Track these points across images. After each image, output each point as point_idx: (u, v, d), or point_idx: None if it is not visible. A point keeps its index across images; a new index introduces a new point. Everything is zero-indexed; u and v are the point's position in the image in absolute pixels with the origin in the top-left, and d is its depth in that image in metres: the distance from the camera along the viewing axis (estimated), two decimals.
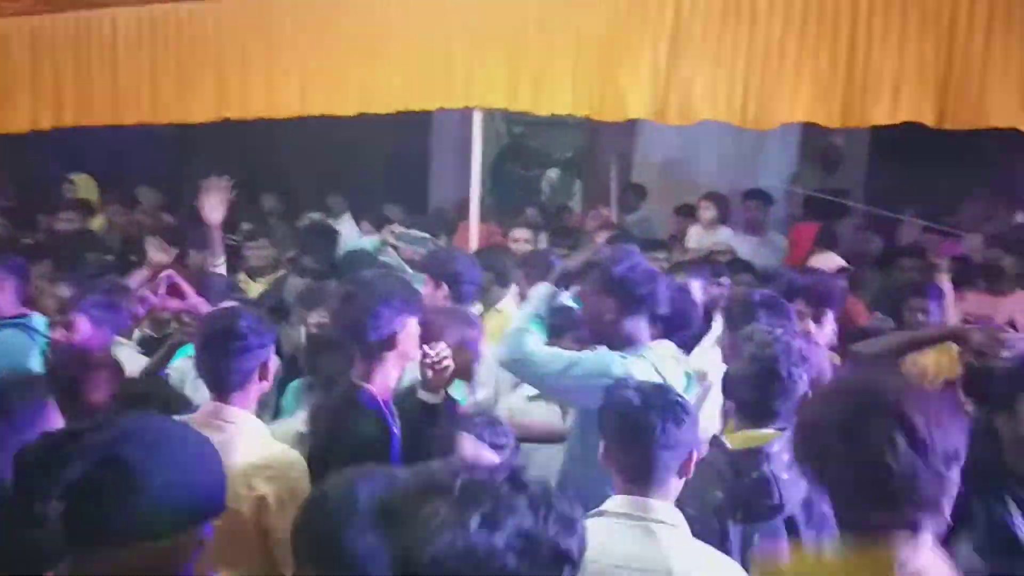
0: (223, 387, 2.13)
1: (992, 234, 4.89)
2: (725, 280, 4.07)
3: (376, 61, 4.65)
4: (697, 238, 5.76)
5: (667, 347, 2.51)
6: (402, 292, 2.32)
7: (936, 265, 4.48)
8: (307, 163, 8.08)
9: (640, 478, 1.80)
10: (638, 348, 2.42)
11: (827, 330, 3.12)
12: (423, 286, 3.12)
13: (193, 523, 1.27)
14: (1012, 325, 4.43)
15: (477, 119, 4.71)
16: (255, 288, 4.70)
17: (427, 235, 4.50)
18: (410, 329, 2.30)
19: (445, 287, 3.27)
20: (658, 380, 2.27)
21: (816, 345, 2.85)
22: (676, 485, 1.84)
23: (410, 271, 3.85)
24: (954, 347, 3.06)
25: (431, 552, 0.93)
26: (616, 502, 1.82)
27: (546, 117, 4.85)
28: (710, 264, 4.46)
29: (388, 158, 8.53)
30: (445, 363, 2.24)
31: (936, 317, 3.69)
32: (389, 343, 2.25)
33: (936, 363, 3.30)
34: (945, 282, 4.37)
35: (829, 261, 4.43)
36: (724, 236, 5.62)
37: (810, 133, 6.30)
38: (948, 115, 3.80)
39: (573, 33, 4.26)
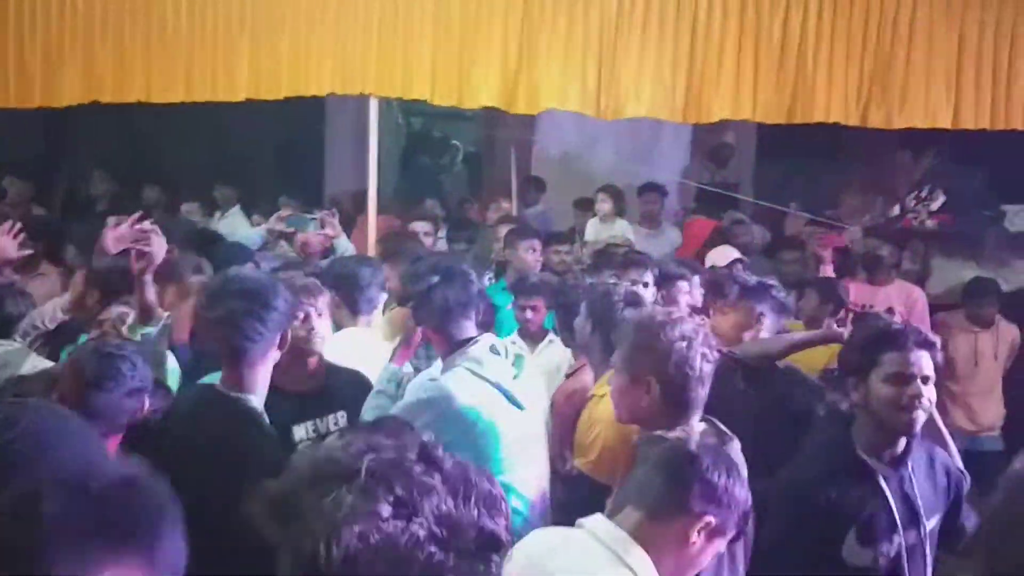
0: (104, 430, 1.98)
1: (870, 226, 5.17)
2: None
3: (264, 45, 4.45)
4: (595, 231, 5.84)
5: (487, 339, 2.47)
6: (283, 294, 2.14)
7: (820, 256, 4.69)
8: (193, 152, 7.70)
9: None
10: (466, 351, 2.38)
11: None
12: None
13: None
14: (890, 311, 4.71)
15: (373, 107, 4.59)
16: None
17: (315, 215, 4.35)
18: (287, 335, 2.14)
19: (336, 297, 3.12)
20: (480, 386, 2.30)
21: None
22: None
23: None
24: None
25: (340, 549, 0.81)
26: (597, 521, 1.68)
27: (444, 107, 4.80)
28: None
29: (280, 147, 8.25)
30: None
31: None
32: (267, 349, 2.07)
33: (809, 356, 3.37)
34: (829, 272, 4.60)
35: (724, 254, 4.55)
36: (620, 228, 5.72)
37: (701, 129, 6.51)
38: (789, 113, 4.09)
39: (430, 22, 4.28)
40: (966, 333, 4.75)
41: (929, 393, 2.11)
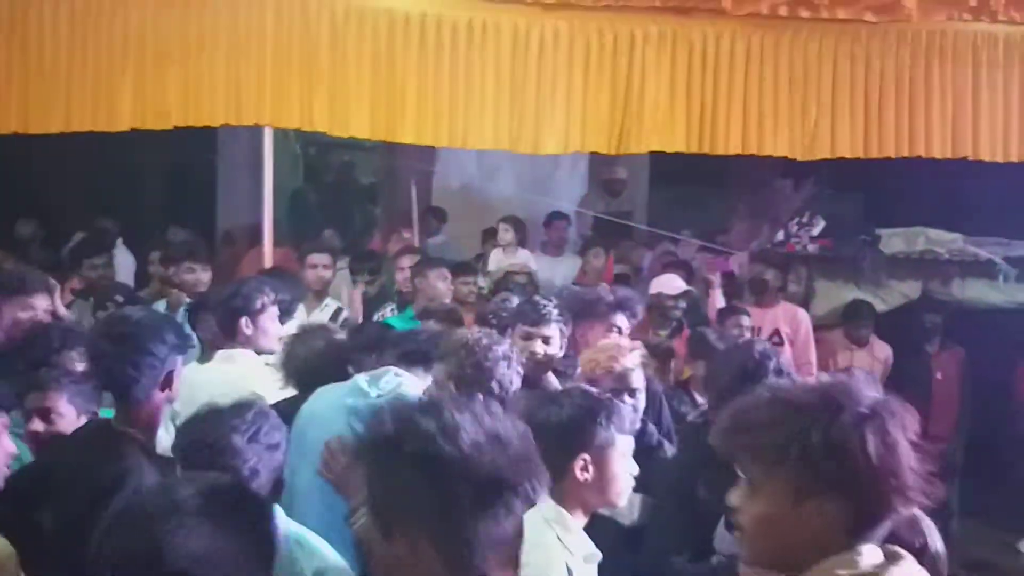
0: None
1: (756, 251, 5.41)
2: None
3: (151, 74, 4.27)
4: (497, 260, 5.89)
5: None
6: (172, 328, 2.22)
7: (709, 280, 4.88)
8: (73, 183, 7.32)
9: None
10: None
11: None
12: None
13: None
14: (777, 333, 4.92)
15: (268, 137, 4.49)
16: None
17: None
18: (179, 368, 2.21)
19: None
20: None
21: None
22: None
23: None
24: None
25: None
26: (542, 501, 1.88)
27: (344, 138, 4.74)
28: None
29: (170, 177, 7.95)
30: None
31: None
32: (164, 384, 2.14)
33: None
34: (719, 296, 4.78)
35: (671, 283, 4.47)
36: (523, 258, 5.80)
37: (596, 160, 6.68)
38: (695, 144, 4.35)
39: (355, 55, 4.23)
40: (844, 352, 5.04)
41: None
